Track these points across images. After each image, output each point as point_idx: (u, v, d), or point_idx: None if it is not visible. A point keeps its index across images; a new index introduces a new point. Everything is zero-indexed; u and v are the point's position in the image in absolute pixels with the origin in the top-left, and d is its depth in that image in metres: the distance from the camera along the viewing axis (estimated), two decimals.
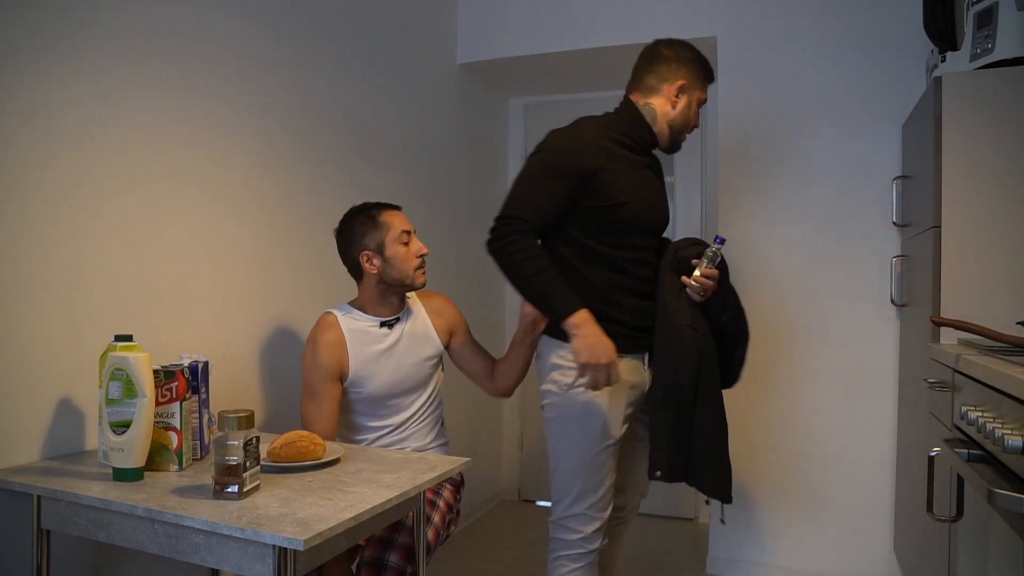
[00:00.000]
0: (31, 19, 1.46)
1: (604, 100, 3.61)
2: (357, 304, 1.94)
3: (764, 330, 2.74)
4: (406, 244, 1.90)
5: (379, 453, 1.63)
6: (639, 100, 1.88)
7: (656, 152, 1.95)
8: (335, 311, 1.92)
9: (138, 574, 1.67)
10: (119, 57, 1.64)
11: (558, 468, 1.81)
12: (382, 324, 1.92)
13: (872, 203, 2.61)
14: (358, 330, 1.90)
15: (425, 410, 1.97)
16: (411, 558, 1.68)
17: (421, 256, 1.91)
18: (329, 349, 1.84)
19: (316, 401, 1.83)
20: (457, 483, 2.00)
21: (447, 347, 2.03)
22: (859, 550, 2.61)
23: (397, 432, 1.94)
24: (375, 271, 1.89)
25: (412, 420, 1.95)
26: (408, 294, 2.00)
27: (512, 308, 3.74)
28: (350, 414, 1.93)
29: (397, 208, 1.95)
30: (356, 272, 1.93)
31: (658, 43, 1.91)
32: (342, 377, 1.87)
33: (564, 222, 1.78)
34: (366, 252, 1.88)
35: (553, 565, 1.82)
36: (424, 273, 1.93)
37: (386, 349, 1.91)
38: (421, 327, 1.98)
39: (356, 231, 1.89)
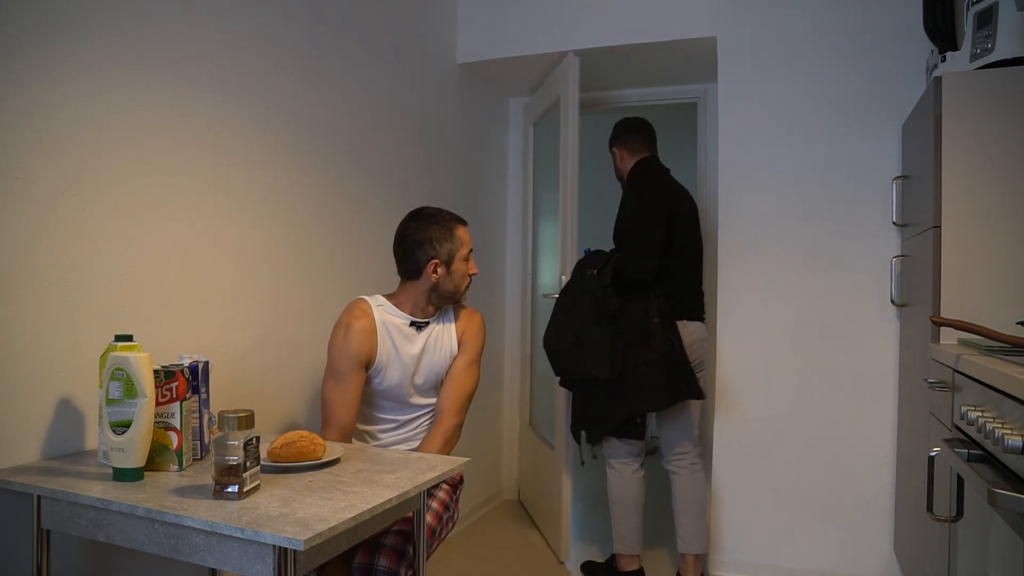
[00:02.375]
0: (29, 14, 1.45)
1: (604, 100, 3.66)
2: (394, 300, 1.95)
3: (764, 330, 2.74)
4: (466, 261, 1.95)
5: (379, 453, 1.63)
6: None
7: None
8: (368, 299, 1.93)
9: (138, 574, 1.67)
10: (120, 53, 1.64)
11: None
12: (412, 324, 1.94)
13: (872, 203, 2.61)
14: (390, 324, 1.91)
15: (432, 412, 1.99)
16: (401, 559, 1.68)
17: (472, 275, 1.98)
18: (361, 336, 1.86)
19: (341, 387, 1.84)
20: (455, 482, 2.00)
21: None
22: (859, 550, 2.61)
23: (402, 430, 1.96)
24: (436, 280, 1.91)
25: (419, 420, 1.97)
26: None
27: (511, 314, 3.74)
28: (362, 404, 1.94)
29: (466, 224, 1.99)
30: (413, 273, 1.93)
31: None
32: (367, 365, 1.88)
33: None
34: (435, 261, 1.90)
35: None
36: (468, 290, 1.99)
37: (411, 349, 1.92)
38: (447, 336, 1.99)
39: (432, 237, 1.90)
